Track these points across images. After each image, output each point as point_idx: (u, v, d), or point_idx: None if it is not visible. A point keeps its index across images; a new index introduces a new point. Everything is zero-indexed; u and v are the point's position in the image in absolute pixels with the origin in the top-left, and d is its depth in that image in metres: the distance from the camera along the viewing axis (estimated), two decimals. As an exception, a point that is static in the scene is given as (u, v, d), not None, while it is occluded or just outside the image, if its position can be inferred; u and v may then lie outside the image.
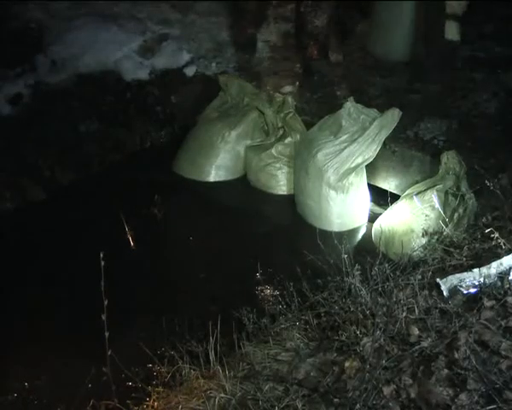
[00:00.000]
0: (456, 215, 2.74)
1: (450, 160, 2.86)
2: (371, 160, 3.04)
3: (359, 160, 3.01)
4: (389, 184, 3.29)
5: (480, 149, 3.07)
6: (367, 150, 3.00)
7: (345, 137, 3.02)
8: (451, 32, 3.64)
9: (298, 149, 3.23)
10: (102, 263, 1.71)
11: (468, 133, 3.26)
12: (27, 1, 4.21)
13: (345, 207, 3.07)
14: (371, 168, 3.17)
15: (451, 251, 2.21)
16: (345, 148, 3.00)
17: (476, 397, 1.48)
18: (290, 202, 3.23)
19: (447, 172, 2.86)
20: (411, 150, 3.19)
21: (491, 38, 4.22)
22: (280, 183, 3.34)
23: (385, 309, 1.89)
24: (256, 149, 3.42)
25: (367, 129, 2.99)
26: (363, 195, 3.15)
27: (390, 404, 1.57)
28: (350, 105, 3.03)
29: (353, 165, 3.01)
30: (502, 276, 1.90)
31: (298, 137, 3.36)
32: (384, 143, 3.05)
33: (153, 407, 1.90)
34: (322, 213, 3.07)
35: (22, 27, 4.12)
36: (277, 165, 3.32)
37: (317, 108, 3.63)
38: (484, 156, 3.01)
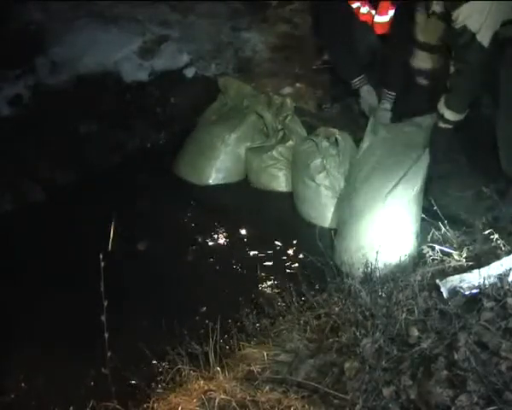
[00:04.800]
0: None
1: None
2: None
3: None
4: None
5: (480, 150, 3.07)
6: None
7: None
8: None
9: (293, 159, 3.25)
10: (102, 264, 1.71)
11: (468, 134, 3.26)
12: (27, 1, 4.20)
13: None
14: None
15: (451, 252, 2.21)
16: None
17: (476, 398, 1.49)
18: (290, 201, 3.23)
19: None
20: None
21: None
22: (282, 184, 3.33)
23: (385, 310, 1.89)
24: (257, 151, 3.41)
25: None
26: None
27: (390, 405, 1.58)
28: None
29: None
30: (501, 277, 1.90)
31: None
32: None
33: (152, 408, 1.89)
34: (320, 212, 3.07)
35: (22, 28, 4.11)
36: (278, 166, 3.32)
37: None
38: (483, 158, 3.01)
